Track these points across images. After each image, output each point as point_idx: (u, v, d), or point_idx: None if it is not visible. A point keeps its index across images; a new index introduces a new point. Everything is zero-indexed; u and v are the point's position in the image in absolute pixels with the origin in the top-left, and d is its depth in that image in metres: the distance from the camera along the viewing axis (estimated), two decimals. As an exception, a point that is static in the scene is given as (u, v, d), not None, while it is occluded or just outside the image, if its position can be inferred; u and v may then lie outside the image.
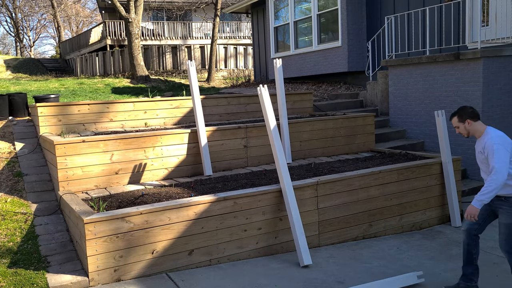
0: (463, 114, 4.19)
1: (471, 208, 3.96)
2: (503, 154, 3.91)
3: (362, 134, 7.99)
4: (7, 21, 52.63)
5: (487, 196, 3.89)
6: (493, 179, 3.86)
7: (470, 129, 4.18)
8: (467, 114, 4.18)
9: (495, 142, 3.96)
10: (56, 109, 7.09)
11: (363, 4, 11.60)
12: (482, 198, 3.91)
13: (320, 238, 5.63)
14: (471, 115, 4.17)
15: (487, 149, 3.99)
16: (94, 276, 4.43)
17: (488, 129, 4.12)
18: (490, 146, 3.97)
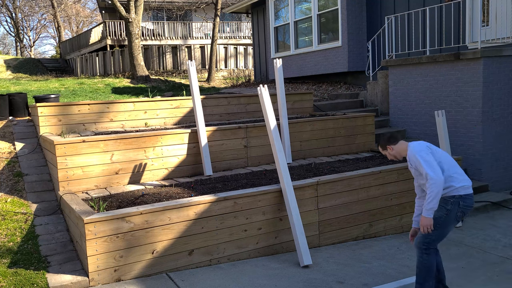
0: (383, 143, 4.26)
1: (425, 219, 3.86)
2: (428, 157, 3.91)
3: (362, 134, 7.99)
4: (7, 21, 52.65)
5: (433, 202, 3.83)
6: (431, 184, 3.82)
7: (395, 153, 4.19)
8: (385, 141, 4.23)
9: (415, 151, 3.98)
10: (56, 109, 7.09)
11: (363, 4, 11.60)
12: (430, 206, 3.85)
13: (320, 238, 5.63)
14: (389, 140, 4.21)
15: (413, 162, 4.01)
16: (94, 276, 4.43)
17: (409, 145, 4.13)
18: (413, 157, 3.99)
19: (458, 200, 3.93)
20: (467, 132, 7.89)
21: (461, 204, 3.93)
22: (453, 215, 3.94)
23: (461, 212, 3.95)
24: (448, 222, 3.96)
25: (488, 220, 6.66)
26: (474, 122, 7.79)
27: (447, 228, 3.98)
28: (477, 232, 6.19)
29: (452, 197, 3.94)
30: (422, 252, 4.00)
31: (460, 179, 3.97)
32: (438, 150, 4.09)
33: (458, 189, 3.93)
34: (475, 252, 5.47)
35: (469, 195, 3.98)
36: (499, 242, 5.76)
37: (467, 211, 4.01)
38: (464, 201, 3.95)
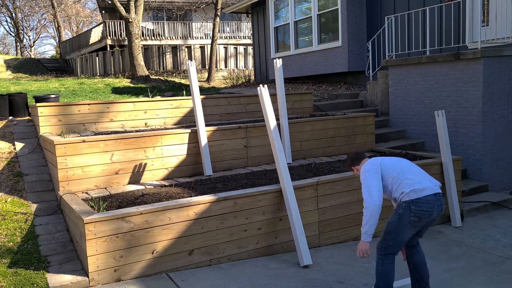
0: (348, 163, 4.30)
1: (362, 244, 3.86)
2: (371, 179, 3.90)
3: (362, 134, 7.99)
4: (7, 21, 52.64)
5: (367, 226, 3.84)
6: (365, 208, 3.85)
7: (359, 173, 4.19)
8: (349, 162, 4.27)
9: (363, 171, 4.00)
10: (56, 109, 7.09)
11: (363, 4, 11.60)
12: (364, 230, 3.85)
13: (320, 238, 5.63)
14: (352, 162, 4.24)
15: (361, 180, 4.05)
16: (94, 276, 4.43)
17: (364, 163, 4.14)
18: (361, 175, 4.03)
19: (409, 205, 3.81)
20: (467, 132, 7.89)
21: (412, 208, 3.80)
22: (406, 220, 3.83)
23: (415, 217, 3.81)
24: (401, 227, 3.86)
25: (488, 220, 6.66)
26: (474, 122, 7.79)
27: (402, 233, 3.87)
28: (477, 232, 6.19)
29: (404, 202, 3.86)
30: (379, 257, 3.98)
31: (411, 183, 3.86)
32: (391, 162, 4.03)
33: (408, 194, 3.83)
34: (475, 252, 5.47)
35: (422, 199, 3.81)
36: (499, 242, 5.76)
37: (424, 216, 3.83)
38: (416, 205, 3.80)
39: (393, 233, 3.89)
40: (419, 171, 4.02)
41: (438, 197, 3.89)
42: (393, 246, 3.91)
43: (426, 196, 3.83)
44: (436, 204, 3.85)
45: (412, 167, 4.04)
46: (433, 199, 3.85)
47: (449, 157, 6.52)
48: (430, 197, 3.84)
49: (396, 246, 3.91)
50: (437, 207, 3.86)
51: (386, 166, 3.99)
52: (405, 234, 3.89)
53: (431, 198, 3.84)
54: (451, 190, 6.49)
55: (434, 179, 4.03)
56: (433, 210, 3.84)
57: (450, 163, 6.52)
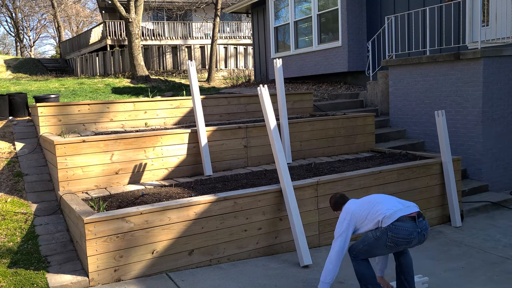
0: (331, 206, 4.37)
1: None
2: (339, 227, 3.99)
3: (362, 134, 7.99)
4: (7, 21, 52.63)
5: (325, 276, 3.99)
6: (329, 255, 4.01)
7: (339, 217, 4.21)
8: (333, 206, 4.34)
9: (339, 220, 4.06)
10: (56, 109, 7.09)
11: (363, 4, 11.60)
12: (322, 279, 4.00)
13: (320, 238, 5.63)
14: (335, 206, 4.32)
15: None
16: (94, 276, 4.43)
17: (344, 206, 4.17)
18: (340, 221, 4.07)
19: (386, 231, 3.77)
20: (467, 132, 7.89)
21: (389, 234, 3.75)
22: (382, 243, 3.81)
23: (392, 243, 3.77)
24: (376, 245, 3.86)
25: (488, 220, 6.66)
26: (474, 122, 7.79)
27: (375, 250, 3.91)
28: (477, 232, 6.19)
29: (381, 227, 3.84)
30: (352, 259, 4.07)
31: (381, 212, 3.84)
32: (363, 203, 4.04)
33: (382, 221, 3.81)
34: (475, 252, 5.47)
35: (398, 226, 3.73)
36: (499, 242, 5.76)
37: (401, 243, 3.77)
38: (393, 232, 3.73)
39: (368, 246, 3.94)
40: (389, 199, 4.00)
41: (418, 223, 3.76)
42: (363, 254, 3.99)
43: (402, 222, 3.73)
44: (416, 231, 3.74)
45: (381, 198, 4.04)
46: (411, 226, 3.73)
47: (449, 157, 6.52)
48: (408, 224, 3.72)
49: (365, 255, 3.98)
50: (417, 234, 3.75)
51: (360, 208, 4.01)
52: (378, 252, 3.95)
53: (409, 226, 3.72)
54: (451, 190, 6.49)
55: (408, 202, 3.97)
56: (412, 237, 3.74)
57: (450, 163, 6.52)
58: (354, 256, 4.03)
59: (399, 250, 3.92)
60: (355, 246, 4.03)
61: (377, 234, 3.84)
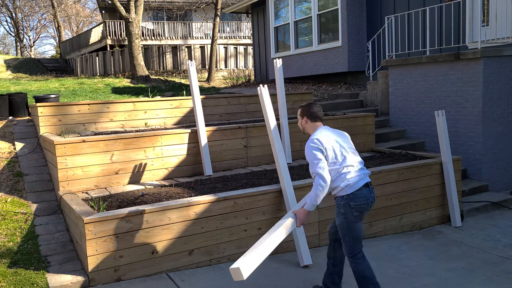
0: (305, 111, 4.14)
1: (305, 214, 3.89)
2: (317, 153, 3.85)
3: (362, 134, 7.99)
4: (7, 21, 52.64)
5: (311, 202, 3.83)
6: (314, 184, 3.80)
7: (305, 127, 4.15)
8: (308, 113, 4.11)
9: (308, 142, 3.91)
10: (56, 109, 7.09)
11: (363, 4, 11.60)
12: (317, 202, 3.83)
13: (320, 238, 5.62)
14: (311, 114, 4.10)
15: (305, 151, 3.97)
16: (94, 276, 4.43)
17: (316, 130, 4.06)
18: (306, 147, 3.95)
19: (347, 202, 3.84)
20: (467, 132, 7.89)
21: (352, 204, 3.83)
22: (351, 217, 3.85)
23: (357, 211, 3.85)
24: (351, 224, 3.88)
25: (488, 220, 6.66)
26: (474, 122, 7.79)
27: (354, 229, 3.90)
28: (477, 232, 6.19)
29: (341, 198, 3.88)
30: (351, 261, 3.97)
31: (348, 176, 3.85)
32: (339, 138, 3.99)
33: (344, 189, 3.85)
34: (475, 252, 5.47)
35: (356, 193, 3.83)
36: (499, 242, 5.76)
37: (364, 209, 3.88)
38: (354, 200, 3.83)
39: (349, 233, 3.90)
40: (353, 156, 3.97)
41: (371, 189, 3.93)
42: (355, 245, 3.92)
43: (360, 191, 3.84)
44: (371, 196, 3.92)
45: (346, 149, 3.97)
46: (367, 192, 3.89)
47: (449, 157, 6.52)
48: (364, 191, 3.87)
49: (357, 243, 3.93)
50: (372, 198, 3.93)
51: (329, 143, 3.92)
52: (357, 228, 3.91)
53: (366, 193, 3.87)
54: (451, 190, 6.49)
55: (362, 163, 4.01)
56: (369, 202, 3.90)
57: (450, 163, 6.52)
58: (352, 255, 3.94)
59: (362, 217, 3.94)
60: (345, 248, 3.97)
61: (342, 212, 3.88)
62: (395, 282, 4.67)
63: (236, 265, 3.26)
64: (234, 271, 3.27)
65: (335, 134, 4.04)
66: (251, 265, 3.33)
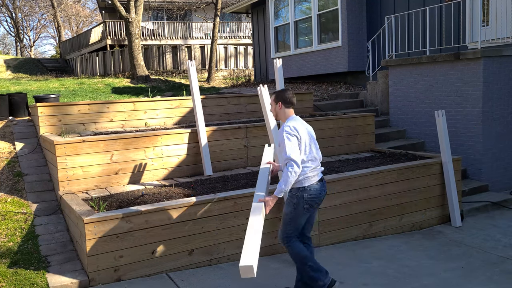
0: (279, 96, 4.20)
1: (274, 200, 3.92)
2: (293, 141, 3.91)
3: (362, 134, 7.99)
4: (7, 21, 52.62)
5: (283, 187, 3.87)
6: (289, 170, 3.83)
7: (279, 112, 4.21)
8: (282, 98, 4.18)
9: (286, 130, 3.96)
10: (56, 109, 7.09)
11: (363, 4, 11.60)
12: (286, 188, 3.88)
13: (320, 238, 5.62)
14: (285, 99, 4.17)
15: (279, 138, 4.03)
16: (94, 276, 4.43)
17: (289, 118, 4.14)
18: (282, 132, 4.00)
19: (302, 194, 4.00)
20: (467, 132, 7.89)
21: (305, 197, 3.99)
22: (301, 209, 4.02)
23: (308, 204, 4.02)
24: (298, 215, 4.05)
25: (488, 220, 6.66)
26: (474, 122, 7.79)
27: (299, 221, 4.08)
28: (477, 232, 6.19)
29: (297, 190, 4.01)
30: (286, 246, 4.13)
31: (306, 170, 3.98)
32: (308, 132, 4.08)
33: (301, 181, 3.99)
34: (475, 252, 5.47)
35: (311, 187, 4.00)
36: (499, 242, 5.76)
37: (315, 202, 4.05)
38: (309, 193, 4.00)
39: (292, 222, 4.07)
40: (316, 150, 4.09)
41: (324, 183, 4.12)
42: (292, 234, 4.11)
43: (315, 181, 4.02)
44: (323, 190, 4.11)
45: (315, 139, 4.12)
46: (320, 186, 4.07)
47: (449, 157, 6.52)
48: (317, 185, 4.04)
49: (296, 232, 4.12)
50: (324, 192, 4.12)
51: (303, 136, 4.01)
52: (302, 220, 4.10)
53: (319, 187, 4.05)
54: (451, 190, 6.49)
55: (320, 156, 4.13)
56: (321, 197, 4.09)
57: (450, 163, 6.52)
58: (288, 241, 4.11)
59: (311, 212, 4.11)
60: (283, 234, 4.12)
61: (294, 202, 4.03)
62: (395, 282, 4.67)
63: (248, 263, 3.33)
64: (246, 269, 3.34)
65: (306, 127, 4.16)
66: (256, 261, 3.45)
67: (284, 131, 3.96)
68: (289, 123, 4.03)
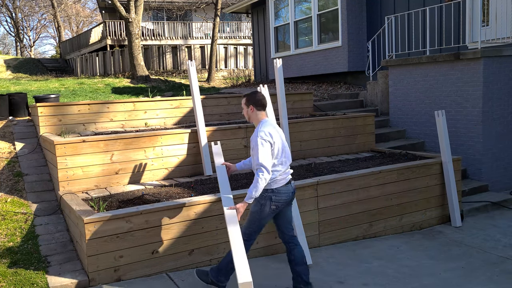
0: (250, 99, 4.21)
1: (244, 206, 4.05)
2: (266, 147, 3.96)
3: (362, 134, 7.99)
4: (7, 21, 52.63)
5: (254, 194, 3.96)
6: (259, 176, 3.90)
7: (251, 115, 4.22)
8: (253, 100, 4.18)
9: (261, 136, 3.98)
10: (56, 109, 7.09)
11: (363, 4, 11.60)
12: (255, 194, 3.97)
13: (320, 238, 5.62)
14: (256, 102, 4.18)
15: (253, 142, 4.06)
16: (94, 276, 4.43)
17: (262, 121, 4.15)
18: (256, 138, 4.03)
19: (270, 195, 4.07)
20: (467, 132, 7.89)
21: (273, 198, 4.07)
22: (267, 209, 4.09)
23: (274, 205, 4.09)
24: (264, 216, 4.12)
25: (488, 220, 6.66)
26: (474, 122, 7.79)
27: (263, 221, 4.16)
28: (477, 232, 6.19)
29: (265, 191, 4.06)
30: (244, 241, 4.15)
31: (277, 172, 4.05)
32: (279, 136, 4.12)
33: (270, 184, 4.06)
34: (475, 252, 5.47)
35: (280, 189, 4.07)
36: (499, 242, 5.76)
37: (282, 204, 4.13)
38: (277, 195, 4.08)
39: (257, 221, 4.15)
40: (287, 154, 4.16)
41: (292, 184, 4.20)
42: (255, 233, 4.20)
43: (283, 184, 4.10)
44: (291, 192, 4.18)
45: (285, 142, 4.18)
46: (288, 188, 4.14)
47: (449, 157, 6.52)
48: (286, 188, 4.12)
49: (257, 233, 4.22)
50: (292, 194, 4.19)
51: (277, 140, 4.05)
52: (266, 220, 4.17)
53: (287, 189, 4.13)
54: (451, 190, 6.49)
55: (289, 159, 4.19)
56: (289, 198, 4.16)
57: (450, 163, 6.52)
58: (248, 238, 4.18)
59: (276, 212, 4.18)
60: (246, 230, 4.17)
61: (261, 203, 4.09)
62: (395, 282, 4.67)
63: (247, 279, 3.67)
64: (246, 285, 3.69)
65: (278, 131, 4.19)
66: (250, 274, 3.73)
67: (259, 136, 3.99)
68: (264, 128, 4.06)
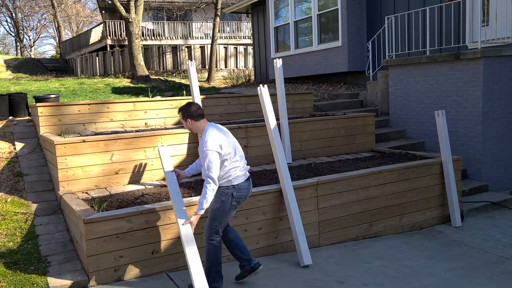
0: (185, 113, 4.22)
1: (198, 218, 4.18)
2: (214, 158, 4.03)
3: (362, 134, 7.99)
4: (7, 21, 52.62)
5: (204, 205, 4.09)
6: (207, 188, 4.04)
7: (192, 127, 4.26)
8: (188, 113, 4.20)
9: (207, 147, 4.04)
10: (56, 109, 7.09)
11: (363, 4, 11.60)
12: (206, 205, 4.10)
13: (320, 238, 5.63)
14: (192, 114, 4.20)
15: (200, 152, 4.15)
16: (94, 276, 4.43)
17: (205, 129, 4.19)
18: (202, 149, 4.09)
19: (231, 191, 4.18)
20: (467, 132, 7.89)
21: (234, 194, 4.19)
22: (228, 205, 4.20)
23: (235, 201, 4.22)
24: (225, 211, 4.22)
25: (488, 220, 6.66)
26: (474, 122, 7.79)
27: (226, 216, 4.25)
28: (477, 232, 6.19)
29: (226, 188, 4.17)
30: (208, 242, 4.26)
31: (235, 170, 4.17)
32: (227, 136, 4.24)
33: (231, 180, 4.18)
34: (475, 252, 5.47)
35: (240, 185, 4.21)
36: (499, 242, 5.76)
37: (242, 200, 4.29)
38: (237, 191, 4.20)
39: (219, 218, 4.23)
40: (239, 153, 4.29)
41: (250, 181, 4.35)
42: (219, 230, 4.27)
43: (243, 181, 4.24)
44: (249, 188, 4.34)
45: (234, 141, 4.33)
46: (247, 184, 4.30)
47: (449, 157, 6.52)
48: (246, 184, 4.27)
49: (221, 229, 4.28)
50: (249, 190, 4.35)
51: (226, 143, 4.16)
52: (229, 216, 4.28)
53: (246, 185, 4.28)
54: (451, 190, 6.49)
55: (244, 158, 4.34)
56: (247, 194, 4.33)
57: (450, 163, 6.52)
58: (212, 238, 4.23)
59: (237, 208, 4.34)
60: (210, 229, 4.23)
61: (222, 199, 4.19)
62: (395, 282, 4.67)
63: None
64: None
65: (223, 133, 4.27)
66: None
67: (206, 147, 4.04)
68: (208, 136, 4.09)
